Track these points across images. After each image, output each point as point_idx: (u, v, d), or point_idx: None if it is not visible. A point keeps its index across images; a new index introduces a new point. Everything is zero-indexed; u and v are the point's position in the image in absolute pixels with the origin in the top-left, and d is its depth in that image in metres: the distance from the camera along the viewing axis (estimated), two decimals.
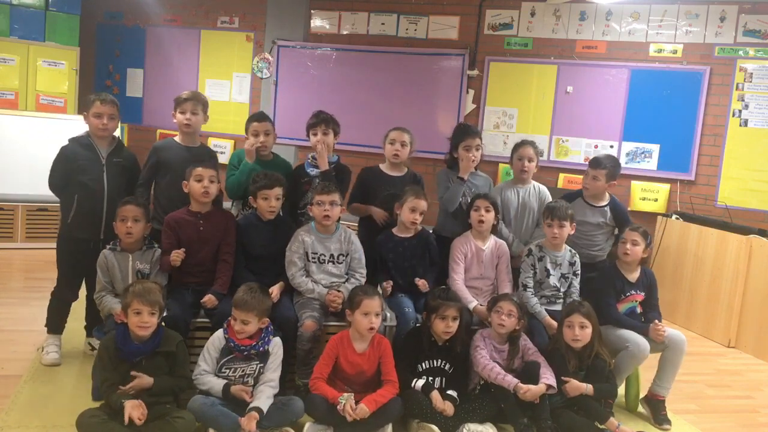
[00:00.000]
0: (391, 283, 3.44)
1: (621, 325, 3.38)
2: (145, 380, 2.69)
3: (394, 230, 3.57)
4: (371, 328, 2.95)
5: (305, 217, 3.59)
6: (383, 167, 3.86)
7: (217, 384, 2.78)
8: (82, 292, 3.58)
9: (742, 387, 4.05)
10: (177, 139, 3.69)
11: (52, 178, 3.48)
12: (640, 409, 3.46)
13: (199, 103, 3.63)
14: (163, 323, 2.85)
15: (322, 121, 3.69)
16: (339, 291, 3.26)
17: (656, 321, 3.34)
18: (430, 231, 3.75)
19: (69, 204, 3.43)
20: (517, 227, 3.86)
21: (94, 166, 3.44)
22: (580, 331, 3.14)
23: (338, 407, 2.78)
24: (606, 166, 3.78)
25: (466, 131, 3.86)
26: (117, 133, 3.60)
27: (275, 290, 3.20)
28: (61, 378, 3.28)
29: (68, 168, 3.42)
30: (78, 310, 3.61)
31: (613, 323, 3.38)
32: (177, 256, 3.13)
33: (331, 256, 3.37)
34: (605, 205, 3.85)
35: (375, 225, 3.74)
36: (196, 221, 3.29)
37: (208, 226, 3.30)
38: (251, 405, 2.75)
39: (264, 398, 2.78)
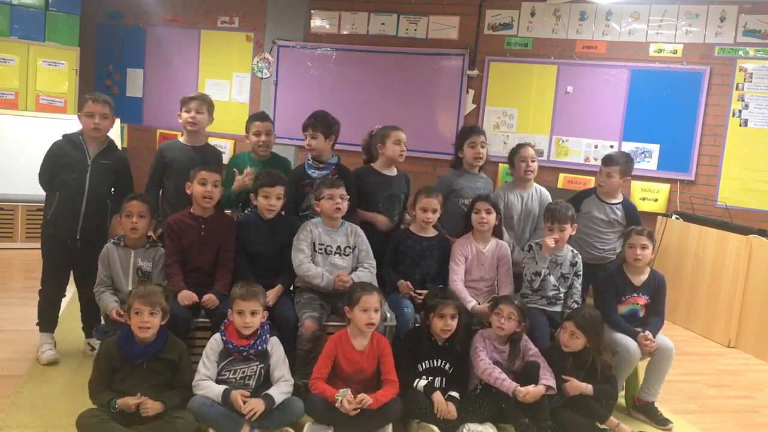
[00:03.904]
0: (408, 284, 3.43)
1: (616, 327, 3.37)
2: (156, 406, 2.67)
3: (412, 228, 3.57)
4: (370, 324, 2.95)
5: (308, 219, 3.58)
6: (378, 167, 3.78)
7: (216, 389, 2.77)
8: (77, 292, 3.59)
9: (742, 387, 4.05)
10: (181, 139, 3.73)
11: (41, 173, 3.48)
12: (635, 418, 3.39)
13: (204, 103, 3.68)
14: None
15: (309, 124, 3.65)
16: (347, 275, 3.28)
17: (646, 332, 3.31)
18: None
19: (51, 200, 3.44)
20: (520, 233, 3.85)
21: (79, 166, 3.41)
22: (569, 339, 3.16)
23: (336, 404, 2.78)
24: (619, 162, 3.84)
25: (471, 129, 3.92)
26: (116, 134, 3.61)
27: (272, 295, 3.19)
28: (61, 378, 3.28)
29: (54, 165, 3.42)
30: (75, 308, 3.63)
31: (609, 325, 3.38)
32: (187, 299, 3.09)
33: (338, 247, 3.38)
34: (618, 203, 3.89)
35: (371, 228, 3.66)
36: (197, 225, 3.29)
37: (210, 231, 3.30)
38: (264, 392, 2.77)
39: (278, 392, 2.80)
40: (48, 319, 3.52)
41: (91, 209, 3.43)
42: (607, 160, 3.88)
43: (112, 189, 3.54)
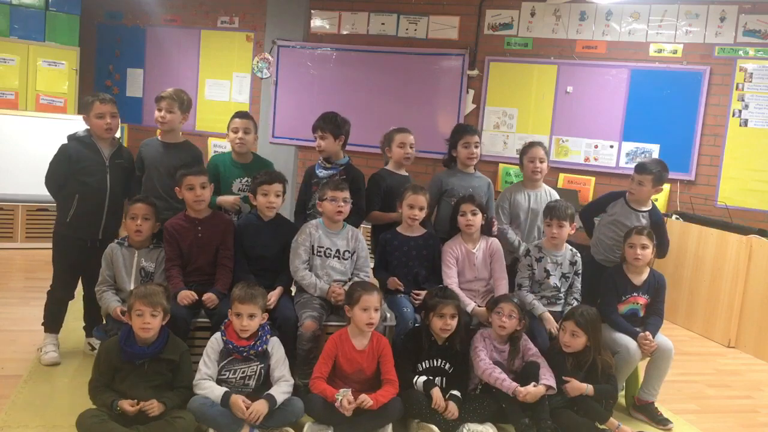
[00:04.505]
0: (396, 280, 3.43)
1: (616, 327, 3.37)
2: (160, 407, 2.66)
3: (399, 228, 3.57)
4: (370, 324, 2.95)
5: (311, 218, 3.58)
6: (391, 168, 3.85)
7: (217, 391, 2.76)
8: (79, 292, 3.59)
9: (742, 387, 4.05)
10: (159, 137, 3.72)
11: (52, 176, 3.44)
12: (635, 418, 3.38)
13: (175, 101, 3.62)
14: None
15: (318, 125, 3.67)
16: (341, 285, 3.27)
17: (646, 332, 3.30)
18: None
19: (68, 203, 3.41)
20: (527, 233, 3.83)
21: (98, 168, 3.42)
22: (570, 339, 3.15)
23: (336, 404, 2.78)
24: (652, 171, 3.63)
25: (465, 129, 3.89)
26: (117, 133, 3.61)
27: (273, 297, 3.19)
28: (61, 378, 3.28)
29: (71, 168, 3.39)
30: (77, 309, 3.61)
31: (609, 324, 3.38)
32: (185, 298, 3.10)
33: (337, 251, 3.37)
34: (646, 211, 3.73)
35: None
36: (194, 228, 3.29)
37: (207, 232, 3.30)
38: (266, 392, 2.77)
39: (279, 392, 2.80)
40: (54, 321, 3.51)
41: (112, 210, 3.45)
42: (640, 168, 3.69)
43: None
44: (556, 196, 3.89)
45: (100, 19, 7.34)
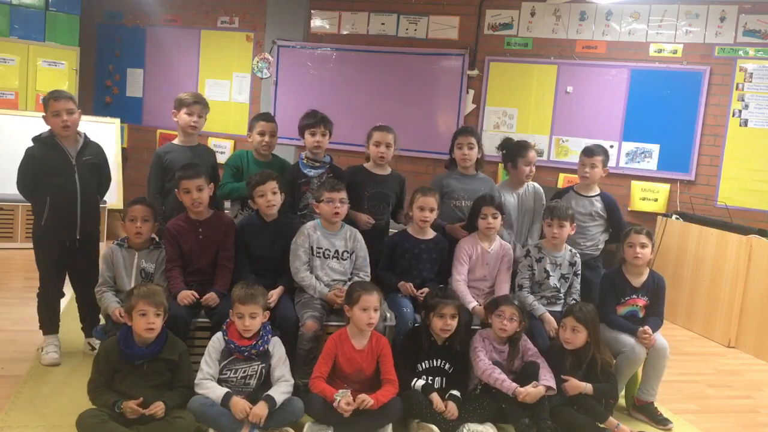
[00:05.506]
0: (411, 285, 3.42)
1: (615, 327, 3.37)
2: (158, 409, 2.65)
3: (410, 230, 3.56)
4: (370, 324, 2.95)
5: (306, 218, 3.58)
6: (368, 166, 3.78)
7: (218, 391, 2.76)
8: (74, 293, 3.59)
9: (742, 387, 4.05)
10: (177, 141, 3.71)
11: (21, 181, 3.41)
12: (635, 419, 3.38)
13: (206, 108, 3.70)
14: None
15: (320, 121, 3.68)
16: (341, 288, 3.26)
17: (646, 327, 3.31)
18: None
19: (41, 206, 3.37)
20: (519, 229, 3.86)
21: (64, 168, 3.36)
22: (571, 335, 3.15)
23: (334, 404, 2.78)
24: (600, 153, 3.88)
25: (460, 130, 3.93)
26: (116, 134, 3.60)
27: (274, 295, 3.19)
28: (61, 378, 3.28)
29: (37, 170, 3.35)
30: (75, 309, 3.61)
31: (607, 324, 3.37)
32: (186, 298, 3.10)
33: (336, 252, 3.37)
34: (596, 195, 3.92)
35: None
36: (195, 229, 3.30)
37: (208, 233, 3.30)
38: (265, 394, 2.77)
39: (278, 392, 2.79)
40: (51, 322, 3.51)
41: (86, 209, 3.42)
42: (589, 152, 3.88)
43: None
44: (539, 189, 3.97)
45: (100, 19, 7.33)
